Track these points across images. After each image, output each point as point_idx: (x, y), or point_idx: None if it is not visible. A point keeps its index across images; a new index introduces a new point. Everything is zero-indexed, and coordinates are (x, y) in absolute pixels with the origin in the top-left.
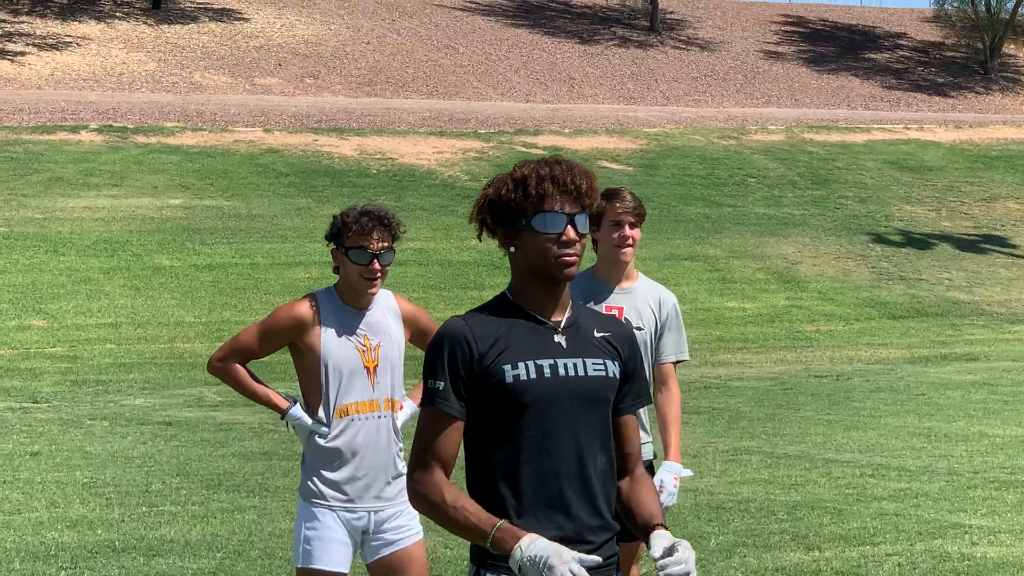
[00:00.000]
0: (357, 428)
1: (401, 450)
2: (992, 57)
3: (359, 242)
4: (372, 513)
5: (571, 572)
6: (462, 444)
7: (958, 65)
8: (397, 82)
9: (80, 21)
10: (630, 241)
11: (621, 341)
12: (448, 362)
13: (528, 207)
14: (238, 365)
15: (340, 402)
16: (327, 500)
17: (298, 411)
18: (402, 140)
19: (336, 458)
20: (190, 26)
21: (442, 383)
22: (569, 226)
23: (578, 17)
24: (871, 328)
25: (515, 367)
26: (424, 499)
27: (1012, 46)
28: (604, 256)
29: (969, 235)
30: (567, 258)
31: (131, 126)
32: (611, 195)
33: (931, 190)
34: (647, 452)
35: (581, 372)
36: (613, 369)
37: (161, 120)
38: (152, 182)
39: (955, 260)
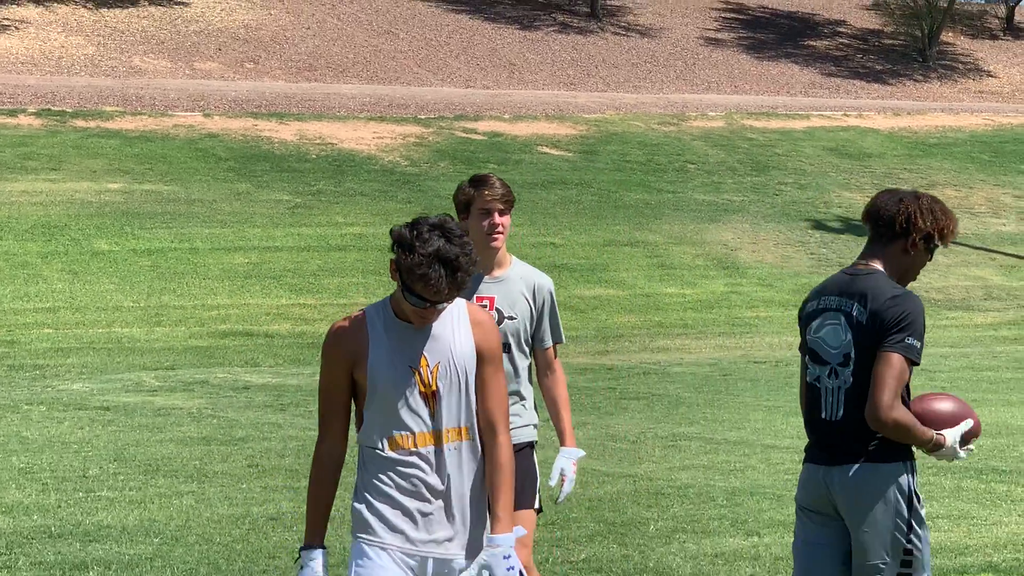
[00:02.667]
0: (413, 464)
1: (476, 487)
2: (930, 45)
3: (422, 291)
4: (431, 560)
5: None
6: None
7: (897, 53)
8: (337, 67)
9: (19, 4)
10: (500, 228)
11: None
12: None
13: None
14: (329, 446)
15: (392, 432)
16: (380, 537)
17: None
18: (342, 125)
19: (390, 492)
20: (129, 10)
21: None
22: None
23: (518, 3)
24: None
25: None
26: None
27: (950, 34)
28: (474, 245)
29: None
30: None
31: (70, 110)
32: (479, 182)
33: (870, 177)
34: (529, 434)
35: None
36: None
37: (100, 104)
38: (91, 166)
39: None
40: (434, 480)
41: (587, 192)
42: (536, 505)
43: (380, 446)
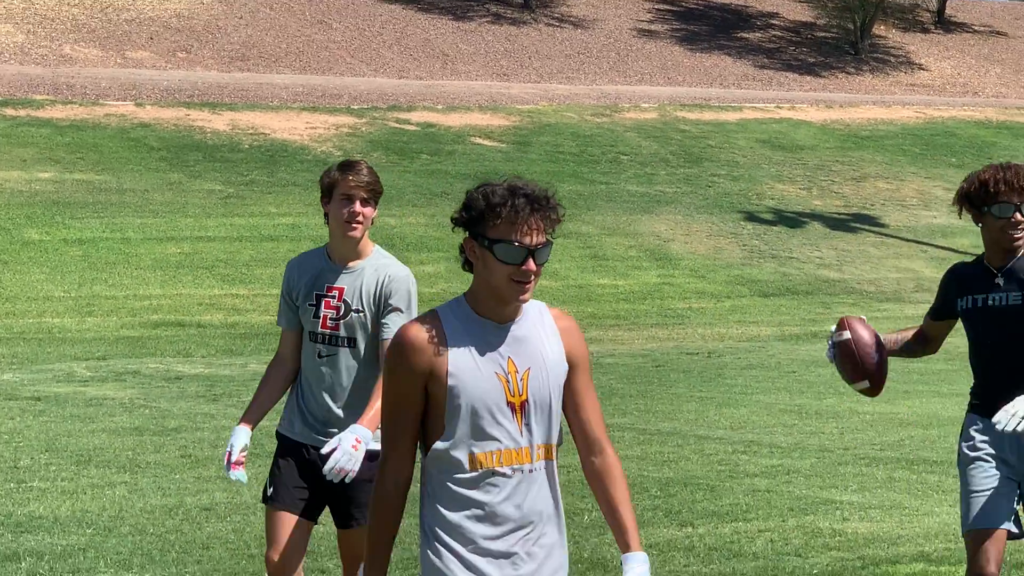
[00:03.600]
0: (498, 486)
1: (558, 510)
2: (862, 38)
3: (510, 233)
4: None
5: None
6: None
7: (829, 45)
8: (270, 57)
9: None
10: (359, 218)
11: None
12: None
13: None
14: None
15: (475, 449)
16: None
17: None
18: (275, 115)
19: (468, 528)
20: None
21: None
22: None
23: None
24: (742, 306)
25: None
26: None
27: (882, 27)
28: (333, 232)
29: (839, 214)
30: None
31: None
32: (346, 167)
33: (802, 169)
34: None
35: None
36: None
37: (30, 93)
38: (21, 155)
39: (825, 239)
40: (520, 504)
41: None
42: None
43: (457, 467)
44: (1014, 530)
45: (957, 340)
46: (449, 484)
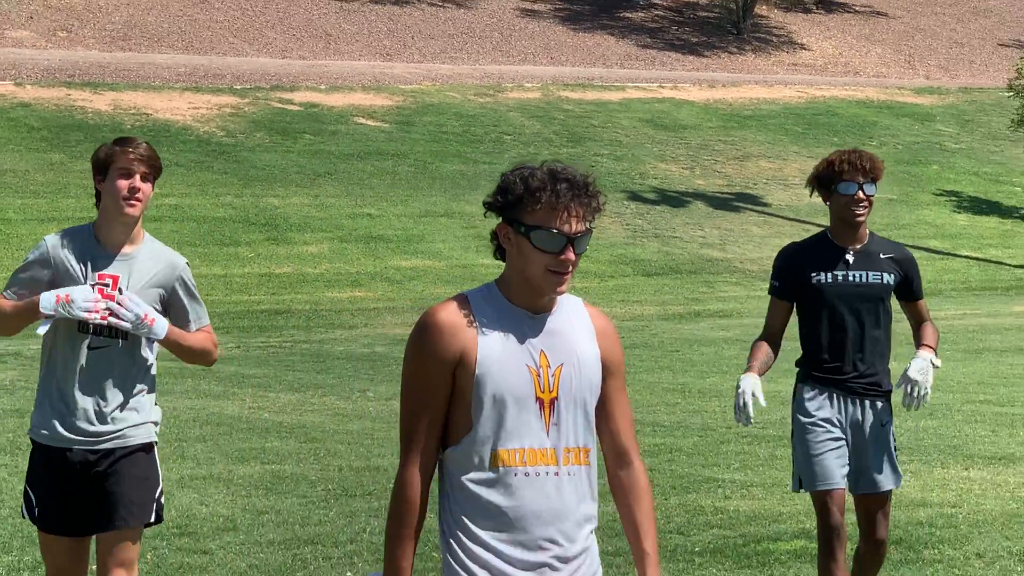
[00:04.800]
0: (522, 487)
1: (590, 518)
2: (744, 18)
3: (550, 220)
4: None
5: None
6: None
7: (712, 25)
8: (152, 36)
9: None
10: (139, 194)
11: None
12: None
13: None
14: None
15: (498, 446)
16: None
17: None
18: (157, 95)
19: (489, 534)
20: None
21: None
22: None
23: None
24: (626, 285)
25: None
26: None
27: (764, 7)
28: (107, 212)
29: (722, 193)
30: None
31: None
32: (123, 141)
33: (685, 148)
34: (149, 433)
35: None
36: None
37: None
38: None
39: (708, 218)
40: (547, 508)
41: (403, 163)
42: (153, 518)
43: (479, 465)
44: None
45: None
46: (467, 485)
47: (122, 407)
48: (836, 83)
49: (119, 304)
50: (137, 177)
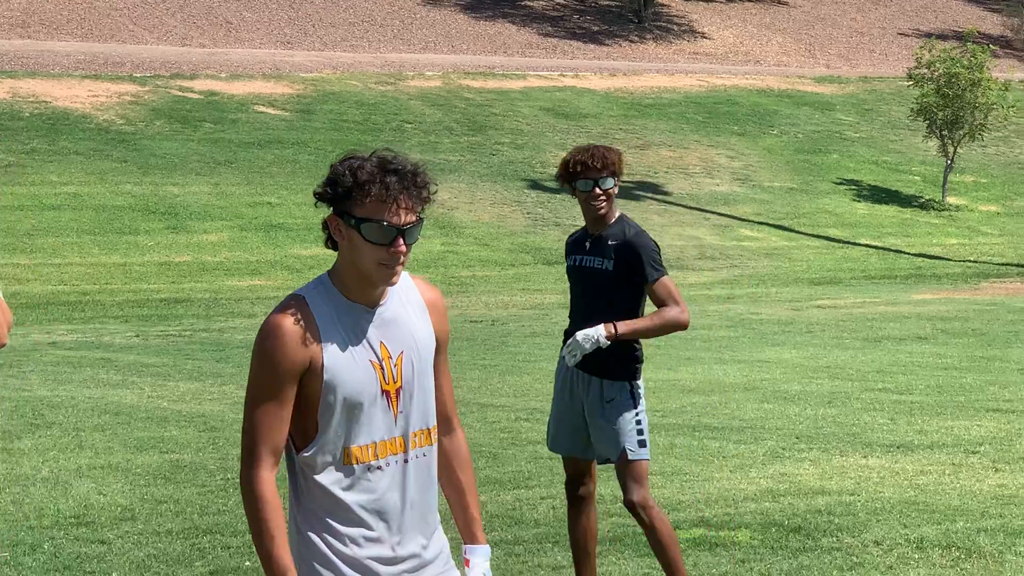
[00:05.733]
0: (375, 480)
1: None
2: (645, 6)
3: (379, 212)
4: None
5: None
6: None
7: (612, 14)
8: (51, 23)
9: None
10: None
11: None
12: None
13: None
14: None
15: (350, 443)
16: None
17: None
18: (56, 83)
19: (349, 511)
20: None
21: None
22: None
23: None
24: (526, 274)
25: None
26: None
27: None
28: None
29: (623, 182)
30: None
31: None
32: None
33: (586, 137)
34: None
35: None
36: None
37: None
38: None
39: None
40: (398, 496)
41: (304, 151)
42: None
43: (330, 465)
44: (580, 456)
45: (739, 307)
46: (322, 484)
47: None
48: (737, 72)
49: None
50: None
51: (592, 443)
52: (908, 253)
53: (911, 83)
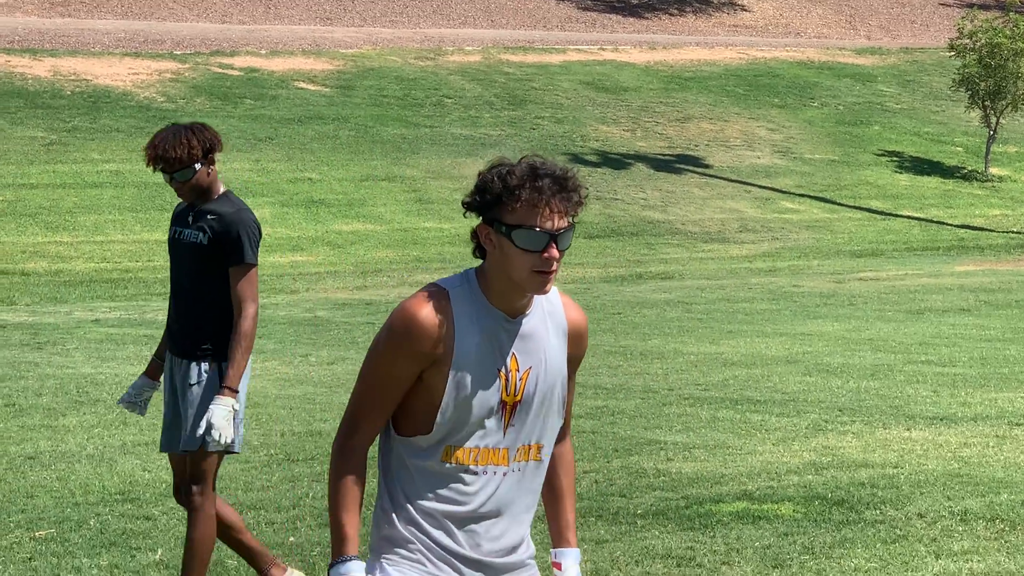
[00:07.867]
0: (469, 483)
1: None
2: None
3: (530, 218)
4: None
5: None
6: None
7: None
8: (91, 2)
9: None
10: None
11: None
12: None
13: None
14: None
15: (454, 443)
16: (415, 560)
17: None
18: (97, 61)
19: (436, 509)
20: None
21: None
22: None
23: None
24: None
25: None
26: None
27: None
28: None
29: (663, 155)
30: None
31: None
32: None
33: (626, 111)
34: None
35: None
36: None
37: None
38: None
39: (650, 180)
40: (488, 503)
41: (344, 127)
42: None
43: (430, 455)
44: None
45: (781, 280)
46: (414, 472)
47: None
48: (777, 44)
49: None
50: None
51: (178, 429)
52: (951, 224)
53: (953, 54)
